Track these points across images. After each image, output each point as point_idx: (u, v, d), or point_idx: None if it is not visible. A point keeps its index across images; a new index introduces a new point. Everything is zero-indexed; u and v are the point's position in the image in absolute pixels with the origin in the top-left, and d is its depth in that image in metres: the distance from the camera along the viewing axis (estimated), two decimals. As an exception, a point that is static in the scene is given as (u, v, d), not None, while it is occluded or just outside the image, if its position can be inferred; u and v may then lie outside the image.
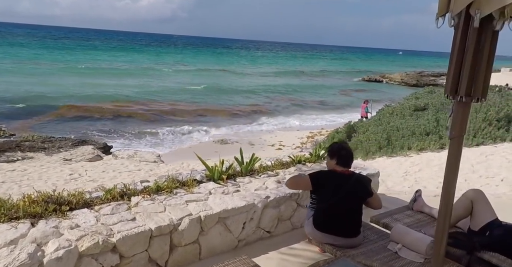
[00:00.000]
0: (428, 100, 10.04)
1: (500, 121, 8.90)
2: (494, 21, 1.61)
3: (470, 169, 7.40)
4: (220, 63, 54.94)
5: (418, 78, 46.89)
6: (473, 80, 1.72)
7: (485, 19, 1.63)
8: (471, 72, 1.70)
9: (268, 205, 3.49)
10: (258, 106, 24.48)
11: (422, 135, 8.72)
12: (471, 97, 1.74)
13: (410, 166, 7.90)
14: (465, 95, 1.74)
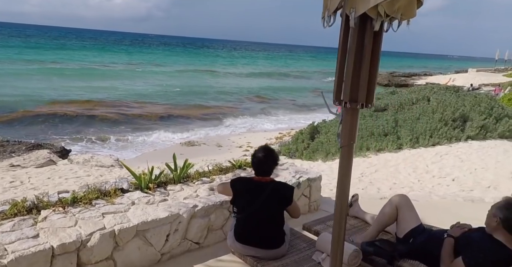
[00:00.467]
0: (388, 100, 10.11)
1: (455, 121, 9.04)
2: (373, 21, 1.49)
3: (425, 169, 7.45)
4: (196, 63, 54.38)
5: (389, 78, 47.76)
6: (357, 85, 1.59)
7: (364, 19, 1.50)
8: (354, 76, 1.58)
9: (196, 215, 3.31)
10: (229, 107, 24.26)
11: (380, 135, 8.75)
12: (356, 103, 1.62)
13: (367, 167, 7.89)
14: (350, 101, 1.61)
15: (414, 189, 6.45)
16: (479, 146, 8.52)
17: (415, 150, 8.49)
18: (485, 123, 9.20)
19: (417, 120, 8.97)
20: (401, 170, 7.53)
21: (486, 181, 6.61)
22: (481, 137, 9.05)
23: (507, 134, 9.44)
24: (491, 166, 7.30)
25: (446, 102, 9.23)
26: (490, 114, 9.41)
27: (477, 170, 7.15)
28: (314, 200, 4.36)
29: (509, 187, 6.27)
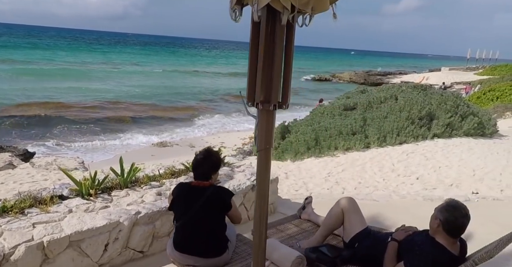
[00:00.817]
0: (357, 99, 10.14)
1: (422, 120, 9.12)
2: (280, 14, 1.37)
3: (391, 168, 7.46)
4: (174, 62, 53.70)
5: (365, 77, 48.45)
6: (269, 84, 1.47)
7: (273, 12, 1.38)
8: (265, 75, 1.45)
9: (139, 222, 3.15)
10: (205, 107, 24.01)
11: (348, 134, 8.74)
12: (269, 103, 1.49)
13: (335, 167, 7.86)
14: (262, 102, 1.49)
15: (379, 188, 6.44)
16: (444, 144, 8.62)
17: (383, 148, 8.52)
18: (451, 121, 9.33)
19: (384, 119, 9.01)
20: (368, 169, 7.52)
21: (449, 179, 6.66)
22: (447, 135, 9.18)
23: (472, 132, 9.60)
24: (455, 164, 7.37)
25: (413, 100, 9.30)
26: (456, 112, 9.54)
27: (441, 168, 7.21)
28: (271, 202, 4.25)
29: (470, 184, 6.33)
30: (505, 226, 4.24)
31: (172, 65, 49.42)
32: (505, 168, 7.04)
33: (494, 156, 7.83)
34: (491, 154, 7.93)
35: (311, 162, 8.42)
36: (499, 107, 17.07)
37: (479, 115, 10.20)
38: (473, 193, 5.93)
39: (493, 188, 6.12)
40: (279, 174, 7.63)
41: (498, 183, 6.31)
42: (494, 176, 6.63)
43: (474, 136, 9.82)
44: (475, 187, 6.22)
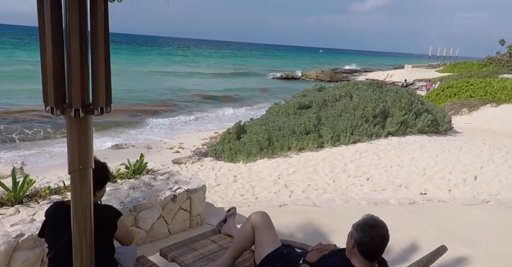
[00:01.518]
0: (313, 97, 9.89)
1: (376, 117, 8.97)
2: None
3: (342, 168, 7.22)
4: (136, 61, 52.18)
5: (332, 75, 48.92)
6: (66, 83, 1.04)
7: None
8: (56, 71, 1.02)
9: (21, 246, 2.65)
10: (166, 106, 23.34)
11: (302, 134, 8.45)
12: (71, 108, 1.06)
13: (286, 168, 7.54)
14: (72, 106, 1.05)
15: (327, 190, 6.16)
16: (398, 142, 8.50)
17: (336, 148, 8.29)
18: (405, 119, 9.24)
19: (339, 117, 8.80)
20: (319, 170, 7.25)
21: (399, 179, 6.48)
22: (401, 133, 9.08)
23: (426, 129, 9.56)
24: (406, 163, 7.23)
25: (367, 98, 9.14)
26: (410, 109, 9.47)
27: (392, 168, 7.03)
28: (197, 213, 3.83)
29: (419, 185, 6.16)
30: (447, 232, 4.02)
31: (134, 64, 47.99)
32: (455, 166, 6.94)
33: (445, 154, 7.76)
34: (443, 152, 7.86)
35: (263, 163, 8.07)
36: (456, 104, 17.42)
37: (433, 112, 10.20)
38: (421, 194, 5.76)
39: (441, 188, 5.97)
40: (228, 178, 7.25)
41: (447, 182, 6.18)
42: (443, 175, 6.50)
43: (428, 133, 9.80)
44: (424, 187, 6.06)
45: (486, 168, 6.87)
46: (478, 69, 39.65)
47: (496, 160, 7.45)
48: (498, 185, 6.02)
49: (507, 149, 8.87)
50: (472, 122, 14.99)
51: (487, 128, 13.59)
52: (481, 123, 14.61)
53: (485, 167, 6.92)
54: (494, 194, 5.66)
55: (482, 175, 6.45)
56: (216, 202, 5.77)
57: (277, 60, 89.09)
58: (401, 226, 4.08)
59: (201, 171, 7.99)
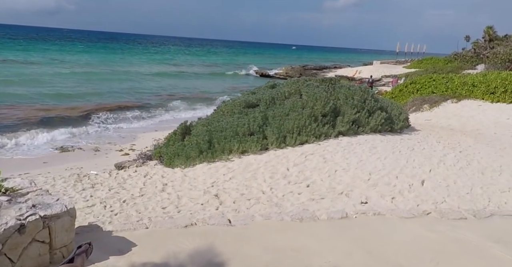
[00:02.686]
0: (261, 95, 9.20)
1: (326, 116, 8.37)
2: None
3: (284, 173, 6.56)
4: (102, 60, 50.31)
5: (301, 71, 48.54)
6: None
7: None
8: None
9: None
10: (125, 106, 22.23)
11: (245, 135, 7.74)
12: None
13: (224, 174, 6.82)
14: None
15: (261, 200, 5.47)
16: (347, 143, 7.93)
17: (282, 150, 7.63)
18: (357, 117, 8.69)
19: (286, 117, 8.14)
20: (259, 175, 6.57)
21: (341, 185, 5.87)
22: (353, 132, 8.52)
23: (379, 128, 9.05)
24: (353, 166, 6.64)
25: (316, 95, 8.51)
26: (363, 107, 8.93)
27: (337, 172, 6.43)
28: (62, 245, 3.03)
29: (362, 191, 5.57)
30: (375, 256, 3.38)
31: (99, 62, 46.16)
32: (403, 169, 6.41)
33: (395, 155, 7.23)
34: (393, 153, 7.33)
35: (201, 168, 7.31)
36: (417, 100, 17.19)
37: (388, 109, 9.72)
38: (362, 203, 5.16)
39: (384, 195, 5.40)
40: (156, 186, 6.45)
41: (392, 189, 5.61)
42: (389, 180, 5.94)
43: (382, 132, 9.30)
44: (366, 194, 5.47)
45: (436, 170, 6.37)
46: (444, 65, 40.24)
47: (447, 161, 6.98)
48: (445, 190, 5.50)
49: (461, 148, 8.47)
50: (433, 118, 14.74)
51: (446, 125, 13.32)
52: (441, 119, 14.37)
53: (434, 169, 6.42)
54: (439, 201, 5.13)
55: (430, 179, 5.93)
56: (130, 217, 4.99)
57: (249, 57, 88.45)
58: (322, 249, 3.43)
59: (131, 179, 7.15)
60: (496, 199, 5.23)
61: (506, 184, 5.84)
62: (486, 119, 13.14)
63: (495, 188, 5.65)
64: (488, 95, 15.59)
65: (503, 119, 12.66)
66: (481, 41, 46.66)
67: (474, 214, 4.29)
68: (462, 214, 4.28)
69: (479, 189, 5.58)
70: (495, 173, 6.45)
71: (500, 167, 6.87)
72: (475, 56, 42.58)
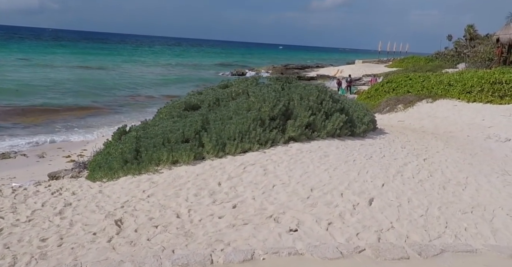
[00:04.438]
0: (205, 96, 8.13)
1: (275, 120, 7.34)
2: None
3: (212, 190, 5.49)
4: (77, 58, 48.74)
5: (283, 71, 47.69)
6: None
7: None
8: None
9: None
10: (87, 108, 20.98)
11: (178, 142, 6.66)
12: None
13: (145, 190, 5.73)
14: None
15: (169, 228, 4.40)
16: (297, 151, 6.91)
17: (220, 160, 6.57)
18: (312, 120, 7.68)
19: (229, 120, 7.08)
20: (183, 192, 5.49)
21: (274, 205, 4.83)
22: (306, 138, 7.51)
23: (338, 132, 8.07)
24: (295, 180, 5.62)
25: (265, 96, 7.47)
26: (319, 109, 7.93)
27: (274, 188, 5.40)
28: None
29: (295, 214, 4.53)
30: None
31: (74, 61, 44.58)
32: (351, 183, 5.40)
33: (347, 165, 6.23)
34: (345, 163, 6.33)
35: (123, 183, 6.21)
36: (391, 100, 16.32)
37: (349, 111, 8.74)
38: (290, 231, 4.13)
39: (321, 219, 4.37)
40: (55, 207, 5.32)
41: (332, 210, 4.59)
42: (332, 199, 4.92)
43: (342, 137, 8.32)
44: (300, 218, 4.44)
45: (390, 185, 5.38)
46: (425, 64, 39.75)
47: (406, 173, 6.01)
48: (395, 212, 4.51)
49: (427, 154, 7.53)
50: (406, 119, 13.87)
51: (419, 127, 12.44)
52: (414, 120, 13.50)
53: (389, 183, 5.43)
54: (385, 228, 4.12)
55: (381, 197, 4.94)
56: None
57: (234, 56, 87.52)
58: None
59: (36, 196, 5.99)
60: (454, 224, 4.25)
61: (469, 203, 4.88)
62: (461, 120, 12.30)
63: (455, 208, 4.68)
64: (464, 94, 14.79)
65: (478, 120, 11.83)
66: (462, 40, 46.46)
67: (419, 252, 3.29)
68: (404, 252, 3.28)
69: (436, 209, 4.60)
70: (459, 187, 5.50)
71: (466, 179, 5.93)
72: (456, 55, 42.22)
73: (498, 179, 6.07)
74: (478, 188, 5.50)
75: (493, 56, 27.94)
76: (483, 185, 5.65)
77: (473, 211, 4.62)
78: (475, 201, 4.91)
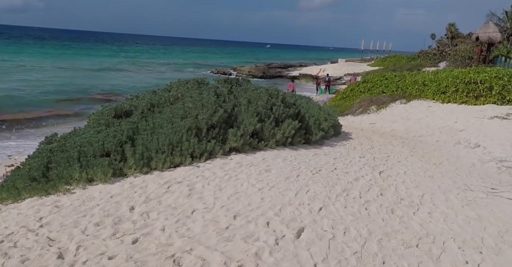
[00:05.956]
0: (139, 101, 7.21)
1: (215, 128, 6.46)
2: None
3: (121, 217, 4.59)
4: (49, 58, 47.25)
5: (265, 70, 46.90)
6: None
7: None
8: None
9: None
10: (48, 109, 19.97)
11: (96, 156, 5.74)
12: None
13: (43, 217, 4.80)
14: None
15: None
16: (236, 164, 6.04)
17: (144, 177, 5.66)
18: (260, 128, 6.83)
19: (160, 130, 6.18)
20: (85, 221, 4.58)
21: (183, 239, 3.95)
22: (250, 148, 6.66)
23: (290, 140, 7.24)
24: (220, 203, 4.75)
25: (203, 101, 6.59)
26: (268, 115, 7.08)
27: (193, 214, 4.52)
28: None
29: (202, 253, 3.66)
30: None
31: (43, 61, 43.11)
32: (284, 207, 4.54)
33: (288, 182, 5.38)
34: (286, 179, 5.48)
35: (26, 206, 5.26)
36: (365, 101, 15.60)
37: (306, 116, 7.92)
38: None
39: (231, 260, 3.51)
40: None
41: (248, 247, 3.73)
42: (254, 229, 4.07)
43: (296, 145, 7.50)
44: (207, 257, 3.57)
45: (329, 209, 4.54)
46: (406, 63, 39.37)
47: (354, 191, 5.19)
48: (325, 248, 3.67)
49: (386, 166, 6.75)
50: (378, 122, 13.15)
51: (389, 130, 11.72)
52: (386, 123, 12.78)
53: (328, 207, 4.59)
54: (305, 273, 3.28)
55: (313, 226, 4.09)
56: None
57: (219, 55, 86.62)
58: None
59: None
60: (392, 264, 3.43)
61: (417, 232, 4.07)
62: (433, 123, 11.59)
63: (399, 240, 3.86)
64: (439, 94, 14.14)
65: (450, 123, 11.13)
66: (444, 39, 46.28)
67: None
68: None
69: (375, 243, 3.78)
70: (410, 209, 4.70)
71: (421, 197, 5.14)
72: (438, 54, 41.97)
73: (458, 196, 5.29)
74: (432, 210, 4.71)
75: (473, 54, 27.54)
76: (439, 206, 4.86)
77: (420, 243, 3.81)
78: (424, 230, 4.11)
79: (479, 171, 6.99)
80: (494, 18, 31.07)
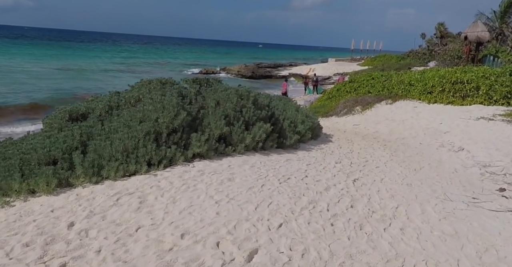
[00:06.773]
0: (97, 103, 6.66)
1: (177, 133, 5.95)
2: None
3: (55, 235, 4.05)
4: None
5: (254, 69, 46.41)
6: None
7: None
8: None
9: None
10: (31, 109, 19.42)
11: (41, 164, 5.19)
12: None
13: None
14: None
15: None
16: (198, 172, 5.53)
17: (93, 187, 5.13)
18: (228, 132, 6.33)
19: (115, 135, 5.65)
20: (14, 240, 4.04)
21: (116, 265, 3.43)
22: (216, 154, 6.15)
23: (261, 145, 6.75)
24: (170, 218, 4.24)
25: (164, 103, 6.07)
26: (237, 118, 6.58)
27: (137, 232, 4.01)
28: None
29: (134, 281, 3.15)
30: None
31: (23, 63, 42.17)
32: (239, 224, 4.03)
33: (250, 193, 4.87)
34: (249, 190, 4.98)
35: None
36: (350, 101, 15.17)
37: (280, 118, 7.44)
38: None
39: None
40: None
41: (189, 272, 3.23)
42: (200, 252, 3.56)
43: (269, 149, 7.01)
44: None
45: (290, 225, 4.05)
46: (396, 62, 39.15)
47: (321, 203, 4.70)
48: (276, 275, 3.17)
49: (363, 172, 6.28)
50: (362, 123, 12.71)
51: (373, 132, 11.29)
52: (370, 124, 12.35)
53: (289, 222, 4.10)
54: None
55: (269, 247, 3.60)
56: None
57: (210, 55, 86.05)
58: None
59: None
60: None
61: (385, 253, 3.58)
62: (418, 124, 11.19)
63: (361, 264, 3.38)
64: (425, 95, 13.76)
65: (435, 124, 10.73)
66: (434, 38, 46.21)
67: None
68: None
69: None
70: (381, 224, 4.23)
71: (396, 209, 4.68)
72: (428, 53, 41.82)
73: (435, 207, 4.84)
74: (406, 224, 4.25)
75: (462, 54, 27.33)
76: (413, 220, 4.40)
77: (384, 268, 3.34)
78: (394, 250, 3.64)
79: (461, 177, 6.57)
80: (483, 17, 30.96)
